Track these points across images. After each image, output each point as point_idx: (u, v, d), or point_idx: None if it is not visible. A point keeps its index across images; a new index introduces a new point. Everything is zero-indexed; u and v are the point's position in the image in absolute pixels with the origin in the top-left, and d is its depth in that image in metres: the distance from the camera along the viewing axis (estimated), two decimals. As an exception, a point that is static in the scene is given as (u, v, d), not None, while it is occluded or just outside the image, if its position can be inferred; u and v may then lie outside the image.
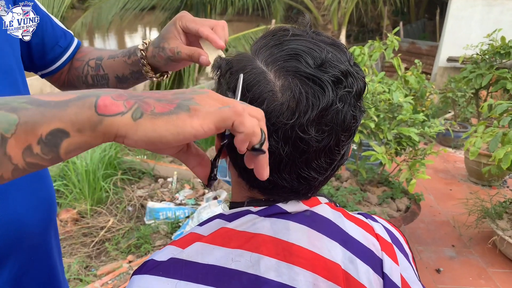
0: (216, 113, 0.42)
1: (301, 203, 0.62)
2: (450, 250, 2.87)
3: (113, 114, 0.39)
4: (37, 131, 0.37)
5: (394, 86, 2.64)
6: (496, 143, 2.25)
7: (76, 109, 0.38)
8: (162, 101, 0.42)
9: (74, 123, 0.38)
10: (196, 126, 0.41)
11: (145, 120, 0.40)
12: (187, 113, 0.41)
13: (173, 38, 0.76)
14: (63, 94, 0.40)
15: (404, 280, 0.64)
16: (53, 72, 0.97)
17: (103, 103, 0.39)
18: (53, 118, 0.37)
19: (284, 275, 0.57)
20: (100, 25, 8.58)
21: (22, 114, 0.37)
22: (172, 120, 0.40)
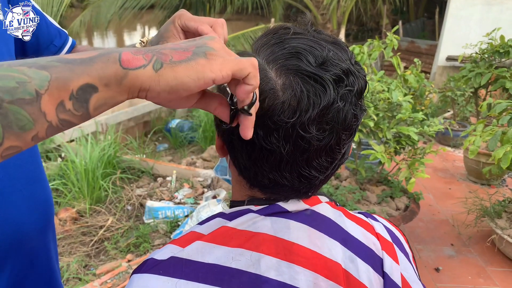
0: (235, 61, 0.44)
1: (302, 202, 0.62)
2: (449, 249, 2.88)
3: (136, 67, 0.41)
4: (69, 86, 0.38)
5: (393, 85, 2.64)
6: (495, 142, 2.25)
7: (102, 64, 0.40)
8: (178, 49, 0.43)
9: (101, 77, 0.40)
10: (215, 70, 0.43)
11: (166, 70, 0.41)
12: (205, 59, 0.43)
13: (172, 37, 0.75)
14: (86, 52, 0.41)
15: (404, 280, 0.64)
16: None
17: (126, 58, 0.41)
18: (82, 74, 0.39)
19: (285, 274, 0.57)
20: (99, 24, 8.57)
21: (53, 71, 0.38)
22: (191, 66, 0.42)
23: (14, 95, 0.36)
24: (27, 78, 0.37)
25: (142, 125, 5.17)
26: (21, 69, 0.37)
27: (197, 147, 4.72)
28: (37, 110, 0.37)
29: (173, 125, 4.92)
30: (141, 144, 4.48)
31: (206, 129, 4.66)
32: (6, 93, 0.36)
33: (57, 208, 3.13)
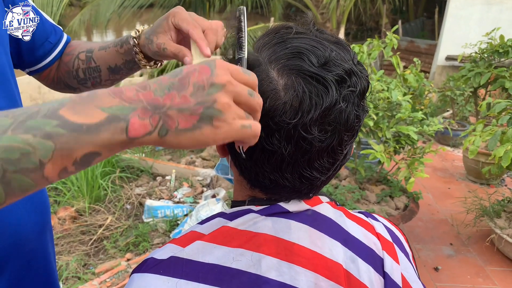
0: (238, 133, 0.44)
1: (303, 202, 0.62)
2: (448, 248, 2.88)
3: (142, 135, 0.41)
4: (72, 155, 0.39)
5: (393, 84, 2.64)
6: (495, 142, 2.25)
7: (108, 135, 0.39)
8: (185, 111, 0.42)
9: (106, 146, 0.40)
10: (218, 140, 0.43)
11: (170, 137, 0.42)
12: (210, 127, 0.42)
13: (163, 33, 0.75)
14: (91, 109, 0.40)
15: (404, 279, 0.64)
16: (42, 69, 0.95)
17: (133, 128, 0.40)
18: (87, 144, 0.39)
19: (285, 274, 0.57)
20: (98, 23, 8.55)
21: (57, 140, 0.38)
22: (196, 136, 0.42)
23: (18, 166, 0.37)
24: (31, 149, 0.37)
25: (141, 124, 5.16)
26: (26, 138, 0.37)
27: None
28: (39, 177, 0.38)
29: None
30: (140, 143, 4.47)
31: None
32: (10, 164, 0.37)
33: (56, 207, 3.13)
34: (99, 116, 0.40)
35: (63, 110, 0.39)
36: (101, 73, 0.93)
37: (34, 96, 3.96)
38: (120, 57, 0.88)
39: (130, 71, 0.92)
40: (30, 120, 0.38)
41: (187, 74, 0.44)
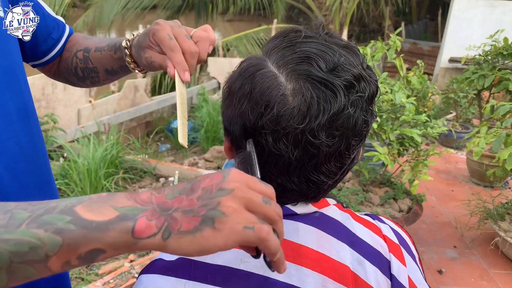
0: (241, 235, 0.41)
1: (310, 204, 0.62)
2: (452, 251, 2.87)
3: (147, 237, 0.41)
4: (78, 250, 0.40)
5: (396, 86, 2.64)
6: (499, 144, 2.24)
7: (115, 234, 0.40)
8: (188, 213, 0.42)
9: (111, 245, 0.41)
10: (220, 244, 0.41)
11: (173, 240, 0.41)
12: (212, 229, 0.41)
13: (149, 48, 0.74)
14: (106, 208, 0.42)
15: (411, 282, 0.64)
16: (45, 63, 0.95)
17: (139, 228, 0.41)
18: (93, 241, 0.40)
19: (293, 276, 0.57)
20: (101, 24, 8.59)
21: (66, 236, 0.40)
22: (196, 239, 0.41)
23: (25, 258, 0.39)
24: (40, 244, 0.39)
25: (144, 125, 5.17)
26: (37, 233, 0.39)
27: (199, 148, 4.72)
28: (43, 267, 0.40)
29: (175, 126, 4.92)
30: (144, 144, 4.48)
31: (208, 129, 4.66)
32: (18, 257, 0.39)
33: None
34: (111, 215, 0.41)
35: (79, 207, 0.41)
36: (99, 74, 0.94)
37: (38, 97, 3.97)
38: (115, 62, 0.89)
39: (127, 73, 0.92)
40: (46, 214, 0.41)
41: (200, 180, 0.45)
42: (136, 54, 0.79)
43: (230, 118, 0.58)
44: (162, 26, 0.71)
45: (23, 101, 0.79)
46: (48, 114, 3.84)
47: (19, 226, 0.39)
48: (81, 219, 0.40)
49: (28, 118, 0.81)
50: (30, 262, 0.39)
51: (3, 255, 0.38)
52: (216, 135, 4.67)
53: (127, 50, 0.82)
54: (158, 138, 5.14)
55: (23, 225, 0.40)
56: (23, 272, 0.40)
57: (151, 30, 0.72)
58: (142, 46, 0.75)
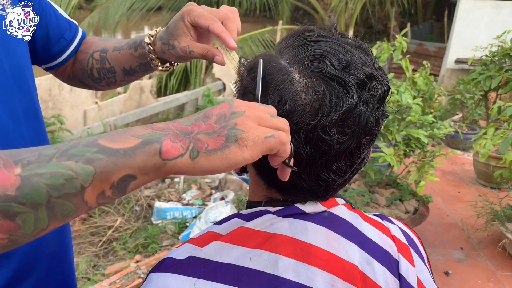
0: (264, 144, 0.46)
1: (319, 204, 0.62)
2: (459, 252, 2.85)
3: (175, 157, 0.43)
4: (110, 179, 0.42)
5: (402, 87, 2.63)
6: (506, 145, 2.23)
7: (143, 157, 0.42)
8: (211, 134, 0.45)
9: (141, 168, 0.43)
10: (246, 156, 0.45)
11: (202, 158, 0.44)
12: (237, 145, 0.45)
13: (183, 35, 0.72)
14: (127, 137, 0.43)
15: (420, 282, 0.64)
16: (58, 65, 0.93)
17: (165, 149, 0.43)
18: (124, 167, 0.42)
19: (302, 275, 0.57)
20: (106, 25, 8.62)
21: (97, 165, 0.41)
22: (225, 155, 0.45)
23: (62, 191, 0.40)
24: (74, 174, 0.40)
25: (150, 126, 5.18)
26: (69, 164, 0.40)
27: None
28: (80, 201, 0.41)
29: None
30: (149, 145, 4.50)
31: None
32: (55, 190, 0.40)
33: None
34: (134, 141, 0.43)
35: (101, 140, 0.43)
36: (115, 74, 0.92)
37: (45, 98, 4.00)
38: (135, 60, 0.87)
39: (145, 73, 0.91)
40: (72, 149, 0.42)
41: (210, 109, 0.48)
42: (164, 47, 0.77)
43: None
44: (196, 6, 0.71)
45: (31, 103, 0.79)
46: (54, 115, 3.86)
47: (50, 160, 0.40)
48: (107, 148, 0.42)
49: (35, 120, 0.80)
50: (67, 195, 0.40)
51: (41, 188, 0.39)
52: (221, 136, 4.68)
53: (150, 46, 0.81)
54: (164, 139, 5.16)
55: (53, 159, 0.40)
56: (62, 208, 0.40)
57: (185, 12, 0.71)
58: (175, 34, 0.73)
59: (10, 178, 0.39)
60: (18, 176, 0.39)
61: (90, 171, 0.40)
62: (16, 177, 0.39)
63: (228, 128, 0.46)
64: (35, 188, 0.39)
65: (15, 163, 0.40)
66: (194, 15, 0.70)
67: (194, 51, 0.72)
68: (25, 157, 0.40)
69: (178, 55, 0.75)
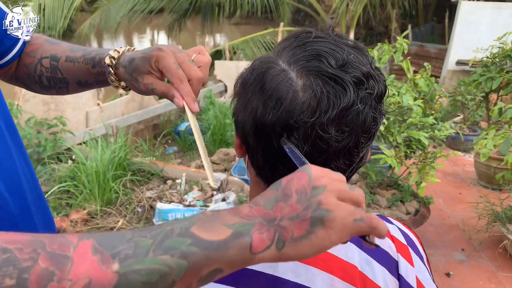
0: (353, 227, 0.43)
1: (319, 204, 0.62)
2: (460, 254, 2.85)
3: (262, 250, 0.42)
4: (201, 273, 0.41)
5: (403, 89, 2.64)
6: (507, 146, 2.23)
7: (234, 252, 0.41)
8: (295, 219, 0.43)
9: (231, 263, 0.42)
10: (335, 241, 0.43)
11: (288, 248, 0.43)
12: (323, 229, 0.42)
13: (148, 74, 0.69)
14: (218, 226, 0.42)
15: (419, 282, 0.64)
16: (1, 66, 0.85)
17: (255, 244, 0.42)
18: (215, 261, 0.41)
19: (302, 275, 0.57)
20: (108, 27, 8.64)
21: (191, 259, 0.40)
22: (312, 242, 0.42)
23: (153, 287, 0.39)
24: (168, 270, 0.39)
25: (152, 128, 5.19)
26: (165, 259, 0.39)
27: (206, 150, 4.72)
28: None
29: (182, 128, 4.94)
30: (151, 146, 4.51)
31: (215, 132, 4.67)
32: (148, 286, 0.39)
33: (68, 210, 3.16)
34: (226, 233, 0.42)
35: (194, 228, 0.42)
36: (68, 85, 0.86)
37: (47, 100, 4.01)
38: (92, 76, 0.82)
39: (101, 86, 0.86)
40: (167, 240, 0.40)
41: (287, 184, 0.45)
42: (128, 77, 0.73)
43: (241, 113, 0.59)
44: (167, 53, 0.67)
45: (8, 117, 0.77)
46: (57, 117, 3.88)
47: (147, 255, 0.39)
48: (201, 240, 0.41)
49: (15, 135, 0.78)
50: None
51: (136, 286, 0.38)
52: (222, 137, 4.68)
53: (111, 68, 0.76)
54: (165, 141, 5.16)
55: (150, 253, 0.39)
56: None
57: (153, 56, 0.67)
58: (140, 71, 0.70)
59: (108, 276, 0.38)
60: (116, 273, 0.38)
61: (184, 266, 0.40)
62: (114, 275, 0.38)
63: (312, 209, 0.43)
64: (131, 286, 0.38)
65: (113, 257, 0.38)
66: (162, 64, 0.67)
67: (156, 88, 0.69)
68: (122, 250, 0.39)
69: (139, 89, 0.72)
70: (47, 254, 0.37)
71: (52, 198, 3.22)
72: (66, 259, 0.37)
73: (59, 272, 0.37)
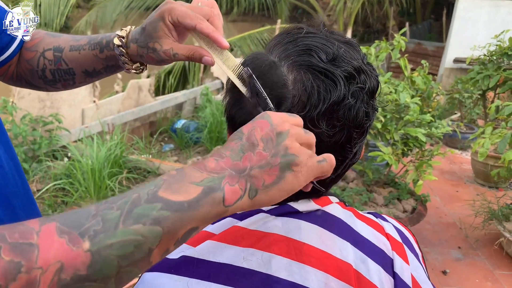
0: (318, 169, 0.47)
1: (312, 202, 0.62)
2: (457, 251, 2.86)
3: (235, 201, 0.43)
4: (177, 235, 0.40)
5: (401, 86, 2.63)
6: (504, 145, 2.23)
7: (208, 208, 0.41)
8: (265, 167, 0.44)
9: (205, 219, 0.42)
10: (302, 183, 0.46)
11: (261, 195, 0.44)
12: (292, 174, 0.45)
13: (164, 37, 0.65)
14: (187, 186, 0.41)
15: (414, 280, 0.63)
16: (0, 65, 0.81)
17: (228, 196, 0.42)
18: (190, 221, 0.40)
19: (296, 274, 0.56)
20: (104, 24, 8.60)
21: (165, 224, 0.39)
22: (282, 187, 0.45)
23: (131, 259, 0.38)
24: (143, 239, 0.38)
25: (148, 125, 5.18)
26: (137, 228, 0.38)
27: (203, 148, 4.72)
28: (146, 263, 0.39)
29: (178, 126, 4.93)
30: (147, 144, 4.49)
31: (211, 129, 4.66)
32: (125, 259, 0.37)
33: (63, 208, 3.15)
34: (196, 191, 0.41)
35: (162, 191, 0.40)
36: (75, 76, 0.82)
37: (42, 97, 3.99)
38: (100, 62, 0.78)
39: (110, 73, 0.82)
40: (136, 208, 0.39)
41: (251, 132, 0.46)
42: (141, 49, 0.68)
43: (231, 109, 0.59)
44: (176, 4, 0.63)
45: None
46: (52, 114, 3.86)
47: (117, 227, 0.37)
48: (172, 203, 0.40)
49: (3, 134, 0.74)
50: (135, 262, 0.38)
51: (112, 262, 0.37)
52: (219, 135, 4.68)
53: (121, 48, 0.72)
54: (162, 138, 5.15)
55: (120, 225, 0.38)
56: (129, 275, 0.39)
57: (165, 11, 0.63)
58: (155, 36, 0.65)
59: (80, 256, 0.36)
60: (88, 252, 0.36)
61: (158, 232, 0.39)
62: (86, 253, 0.36)
63: (280, 155, 0.44)
64: (107, 262, 0.36)
65: (81, 235, 0.36)
66: (177, 14, 0.62)
67: (178, 53, 0.65)
68: (90, 227, 0.37)
69: (160, 59, 0.67)
70: (9, 246, 0.34)
71: (47, 196, 3.20)
72: (31, 246, 0.35)
73: (26, 262, 0.34)
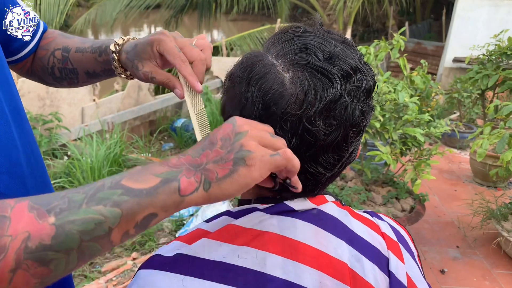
0: (271, 162, 0.48)
1: (308, 201, 0.62)
2: (455, 251, 2.86)
3: (191, 192, 0.46)
4: (135, 218, 0.44)
5: (400, 86, 2.63)
6: (503, 145, 2.23)
7: (165, 196, 0.45)
8: (219, 161, 0.47)
9: (163, 207, 0.45)
10: (255, 176, 0.47)
11: (214, 188, 0.47)
12: (245, 167, 0.47)
13: (148, 60, 0.69)
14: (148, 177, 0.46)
15: (409, 279, 0.64)
16: (18, 61, 0.88)
17: (183, 186, 0.46)
18: (148, 206, 0.44)
19: (290, 272, 0.57)
20: (104, 22, 8.58)
21: (124, 206, 0.43)
22: (235, 180, 0.47)
23: (92, 235, 0.42)
24: (103, 218, 0.43)
25: (148, 124, 5.18)
26: (98, 209, 0.43)
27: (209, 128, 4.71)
28: (107, 241, 0.44)
29: (178, 125, 4.93)
30: (147, 143, 4.50)
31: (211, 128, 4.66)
32: (86, 234, 0.42)
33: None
34: (155, 181, 0.45)
35: (124, 180, 0.45)
36: (78, 75, 0.89)
37: (42, 95, 3.99)
38: (99, 65, 0.84)
39: (109, 77, 0.87)
40: (99, 192, 0.44)
41: (214, 133, 0.49)
42: (129, 63, 0.73)
43: (228, 107, 0.60)
44: (168, 37, 0.67)
45: (15, 102, 0.76)
46: (52, 113, 3.86)
47: (80, 207, 0.42)
48: (131, 190, 0.44)
49: (21, 120, 0.77)
50: (96, 238, 0.42)
51: (74, 235, 0.41)
52: (219, 134, 4.67)
53: (115, 54, 0.76)
54: (162, 137, 5.15)
55: (83, 205, 0.42)
56: (91, 250, 0.43)
57: (155, 40, 0.67)
58: (142, 57, 0.70)
59: (45, 228, 0.41)
60: (53, 225, 0.41)
61: (118, 213, 0.43)
62: (51, 226, 0.41)
63: (235, 151, 0.47)
64: (69, 236, 0.41)
65: (48, 212, 0.42)
66: (163, 48, 0.66)
67: (156, 77, 0.69)
68: (57, 205, 0.42)
69: (139, 77, 0.72)
70: None
71: (46, 194, 3.20)
72: (4, 218, 0.40)
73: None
